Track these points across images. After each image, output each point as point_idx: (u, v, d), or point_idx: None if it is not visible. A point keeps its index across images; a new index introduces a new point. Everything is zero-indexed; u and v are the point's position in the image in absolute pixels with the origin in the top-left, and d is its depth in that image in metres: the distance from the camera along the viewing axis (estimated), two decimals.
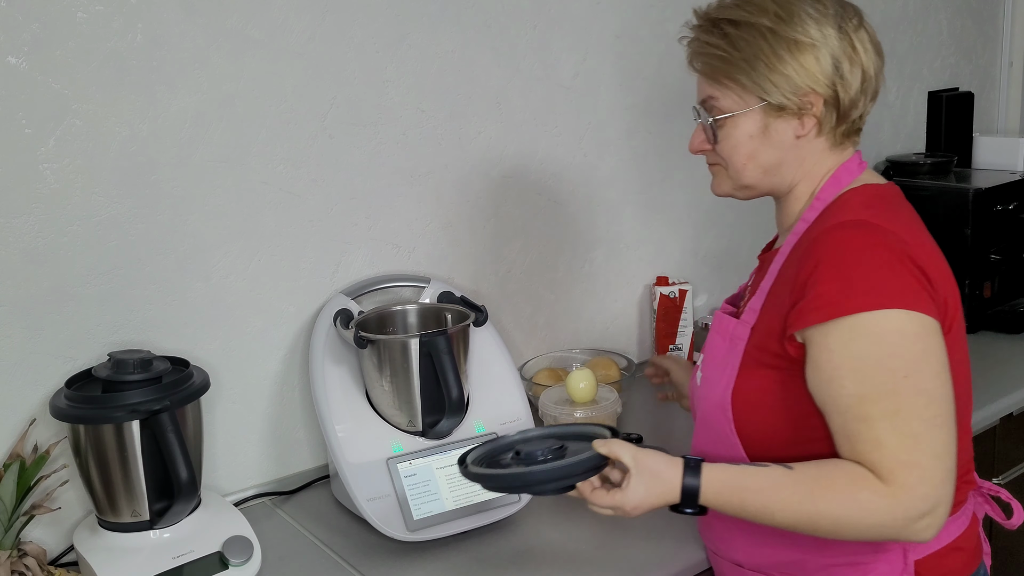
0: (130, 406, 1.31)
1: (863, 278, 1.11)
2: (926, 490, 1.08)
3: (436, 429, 1.53)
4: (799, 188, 1.27)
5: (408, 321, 1.68)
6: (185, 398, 1.36)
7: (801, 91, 1.20)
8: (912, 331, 1.10)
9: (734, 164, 1.27)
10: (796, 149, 1.24)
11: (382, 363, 1.52)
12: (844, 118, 1.23)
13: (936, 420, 1.09)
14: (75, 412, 1.33)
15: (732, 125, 1.24)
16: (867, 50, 1.22)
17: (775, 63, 1.19)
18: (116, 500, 1.35)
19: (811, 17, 1.19)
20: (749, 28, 1.20)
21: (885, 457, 1.08)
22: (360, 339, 1.51)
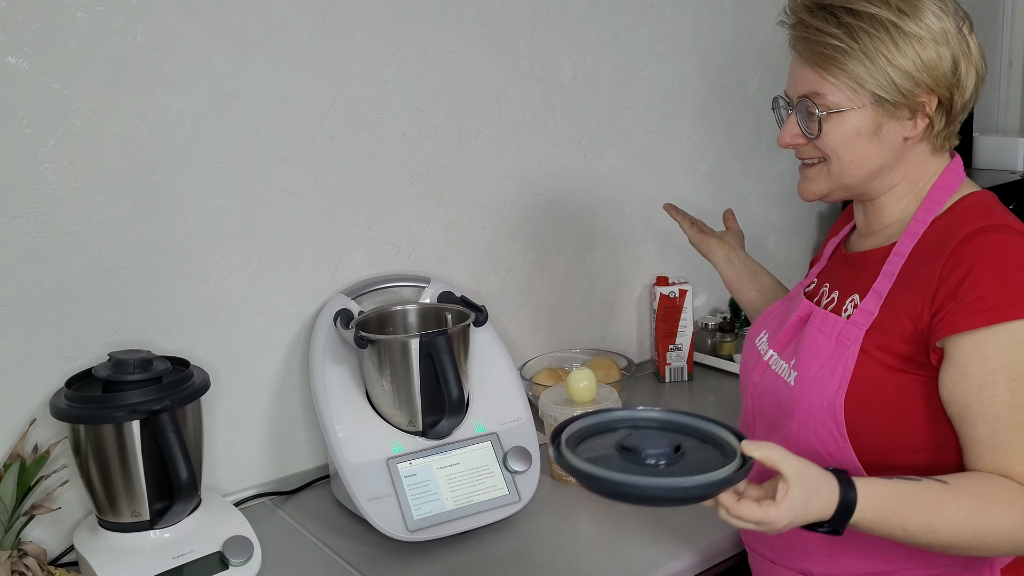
0: (130, 406, 1.31)
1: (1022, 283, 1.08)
2: None
3: (436, 429, 1.53)
4: (899, 189, 1.23)
5: (408, 321, 1.68)
6: (185, 398, 1.36)
7: (918, 89, 1.15)
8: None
9: (840, 162, 1.21)
10: (902, 152, 1.20)
11: (382, 363, 1.52)
12: (952, 121, 1.20)
13: None
14: (75, 412, 1.33)
15: (841, 120, 1.18)
16: (980, 55, 1.19)
17: (897, 57, 1.14)
18: (116, 500, 1.35)
19: (934, 13, 1.15)
20: (871, 19, 1.14)
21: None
22: (360, 339, 1.51)
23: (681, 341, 2.10)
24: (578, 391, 1.65)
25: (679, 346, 2.10)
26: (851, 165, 1.21)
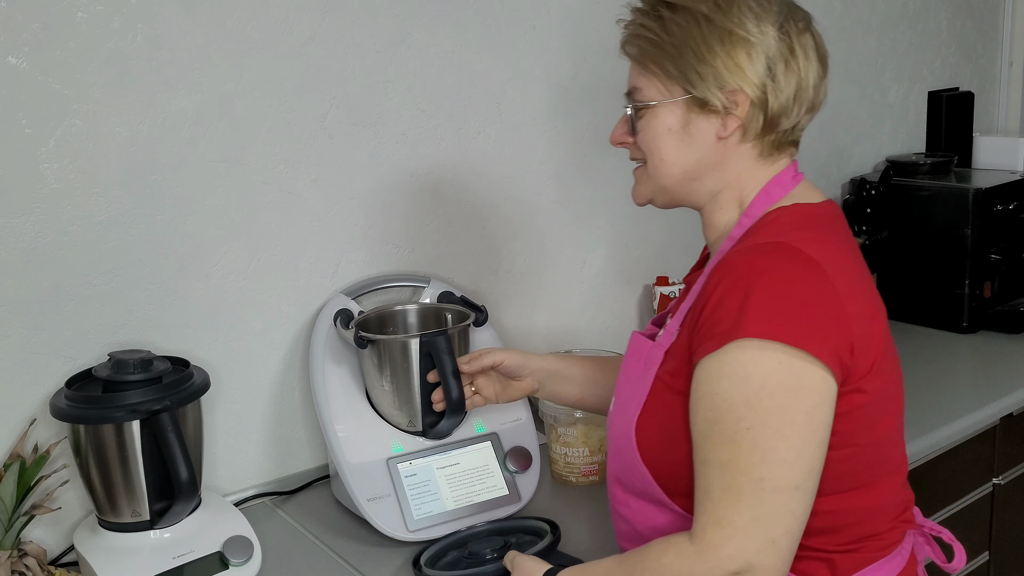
0: (130, 406, 1.31)
1: (761, 303, 1.01)
2: (732, 552, 0.99)
3: (436, 429, 1.53)
4: (723, 197, 1.18)
5: (408, 321, 1.68)
6: (185, 398, 1.36)
7: (727, 88, 1.10)
8: (777, 380, 1.00)
9: (652, 160, 1.18)
10: (718, 152, 1.15)
11: (382, 363, 1.52)
12: (772, 126, 1.14)
13: (764, 483, 0.99)
14: (75, 412, 1.33)
15: (652, 115, 1.15)
16: (808, 58, 1.13)
17: (704, 53, 1.10)
18: (116, 500, 1.35)
19: (751, 11, 1.11)
20: (685, 13, 1.12)
21: (706, 511, 1.02)
22: (360, 339, 1.51)
23: None
24: None
25: None
26: (663, 164, 1.17)
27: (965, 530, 1.94)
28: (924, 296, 2.35)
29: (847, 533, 1.13)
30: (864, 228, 2.37)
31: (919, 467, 1.78)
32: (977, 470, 1.94)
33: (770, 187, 1.16)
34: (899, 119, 2.70)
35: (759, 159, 1.16)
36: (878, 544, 1.16)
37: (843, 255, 1.12)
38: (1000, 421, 1.93)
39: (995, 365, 2.11)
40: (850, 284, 1.08)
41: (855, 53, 2.53)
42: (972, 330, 2.29)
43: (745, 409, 1.00)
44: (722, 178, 1.17)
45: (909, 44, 2.68)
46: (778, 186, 1.17)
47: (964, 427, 1.83)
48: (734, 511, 1.00)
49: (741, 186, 1.17)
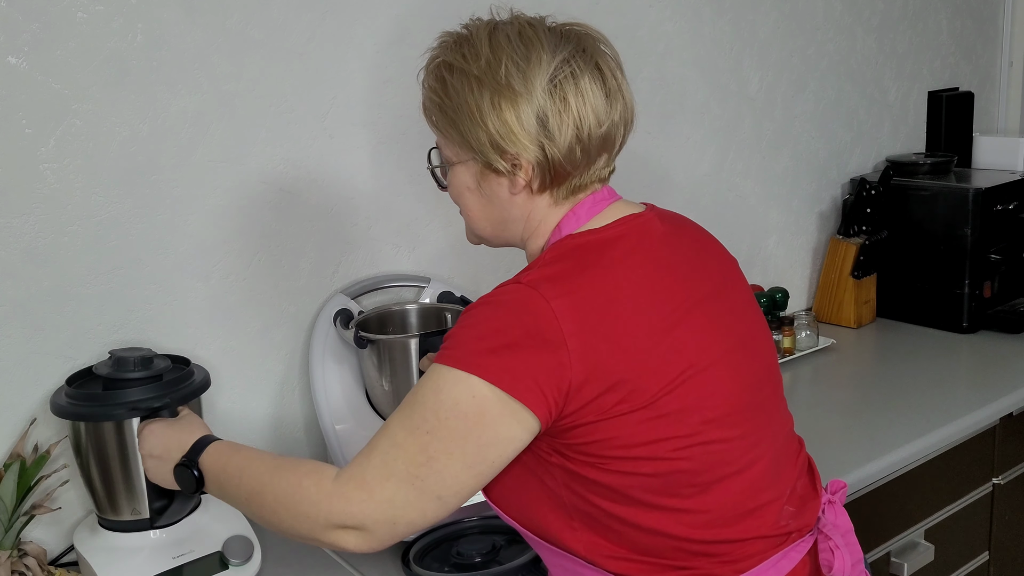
0: (130, 404, 1.31)
1: (461, 339, 1.06)
2: (356, 511, 1.06)
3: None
4: (531, 244, 1.19)
5: (408, 321, 1.68)
6: (186, 396, 1.36)
7: (507, 152, 1.11)
8: (465, 410, 1.03)
9: (464, 213, 1.21)
10: (516, 206, 1.16)
11: (382, 363, 1.52)
12: (561, 177, 1.13)
13: (416, 481, 1.05)
14: (75, 410, 1.33)
15: (452, 174, 1.18)
16: (586, 100, 1.10)
17: (478, 117, 1.10)
18: (116, 498, 1.35)
19: (517, 67, 1.09)
20: (461, 76, 1.12)
21: (359, 465, 1.07)
22: (360, 339, 1.51)
23: None
24: None
25: None
26: (470, 218, 1.20)
27: (965, 530, 1.94)
28: (924, 296, 2.35)
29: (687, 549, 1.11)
30: (864, 228, 2.37)
31: (919, 467, 1.78)
32: (977, 470, 1.94)
33: (563, 223, 1.16)
34: (899, 119, 2.70)
35: (556, 204, 1.16)
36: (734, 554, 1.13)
37: (602, 284, 1.08)
38: (1000, 421, 1.93)
39: (995, 365, 2.11)
40: (595, 316, 1.05)
41: (855, 53, 2.53)
42: (972, 330, 2.29)
43: (432, 416, 1.05)
44: (527, 226, 1.18)
45: (909, 44, 2.68)
46: (571, 220, 1.16)
47: (964, 427, 1.83)
48: (379, 483, 1.05)
49: (545, 231, 1.17)
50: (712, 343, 1.13)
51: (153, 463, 1.28)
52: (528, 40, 1.11)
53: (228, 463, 1.18)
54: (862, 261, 2.35)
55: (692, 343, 1.11)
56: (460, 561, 1.38)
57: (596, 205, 1.17)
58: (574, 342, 1.03)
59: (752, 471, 1.14)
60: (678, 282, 1.14)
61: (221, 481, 1.18)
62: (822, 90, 2.47)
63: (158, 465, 1.27)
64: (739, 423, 1.13)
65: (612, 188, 1.21)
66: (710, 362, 1.11)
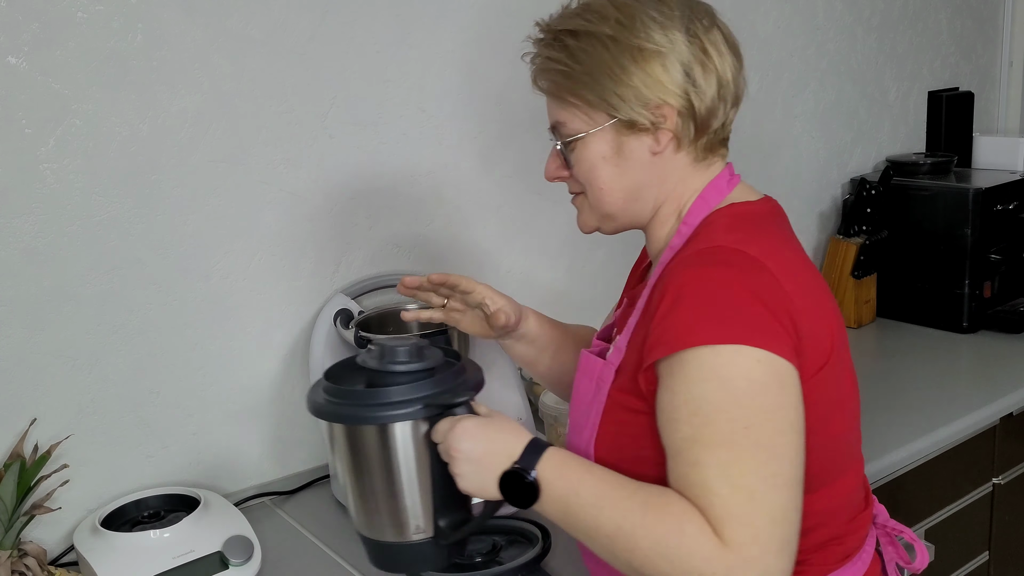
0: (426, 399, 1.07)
1: (715, 309, 0.99)
2: (755, 553, 0.94)
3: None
4: (663, 211, 1.16)
5: None
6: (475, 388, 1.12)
7: (651, 103, 1.08)
8: (761, 379, 0.97)
9: (592, 190, 1.15)
10: (655, 167, 1.12)
11: None
12: (703, 129, 1.12)
13: (776, 479, 0.96)
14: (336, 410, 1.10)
15: (583, 147, 1.13)
16: (721, 53, 1.11)
17: (619, 74, 1.07)
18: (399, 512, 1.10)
19: (655, 21, 1.08)
20: (589, 38, 1.09)
21: (714, 504, 0.95)
22: (360, 339, 1.51)
23: None
24: None
25: None
26: (603, 192, 1.15)
27: (965, 530, 1.94)
28: (924, 296, 2.35)
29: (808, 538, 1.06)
30: (864, 228, 2.37)
31: (919, 467, 1.78)
32: (977, 470, 1.94)
33: (706, 192, 1.14)
34: (899, 119, 2.70)
35: (694, 165, 1.14)
36: (840, 550, 1.13)
37: (784, 250, 1.09)
38: (1000, 421, 1.93)
39: (995, 365, 2.11)
40: (794, 279, 1.05)
41: (855, 53, 2.53)
42: (972, 330, 2.29)
43: (738, 410, 0.97)
44: (661, 192, 1.15)
45: (909, 44, 2.68)
46: (714, 191, 1.14)
47: (964, 427, 1.83)
48: (752, 510, 0.95)
49: (679, 196, 1.15)
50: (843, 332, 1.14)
51: (472, 469, 1.05)
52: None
53: (580, 486, 1.02)
54: (862, 261, 2.35)
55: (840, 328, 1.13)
56: (460, 561, 1.38)
57: (733, 178, 1.17)
58: (796, 300, 1.03)
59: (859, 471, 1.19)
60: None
61: (570, 506, 1.02)
62: (822, 90, 2.47)
63: (478, 471, 1.05)
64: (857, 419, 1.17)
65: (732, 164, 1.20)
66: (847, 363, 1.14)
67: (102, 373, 1.51)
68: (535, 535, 1.42)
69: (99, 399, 1.51)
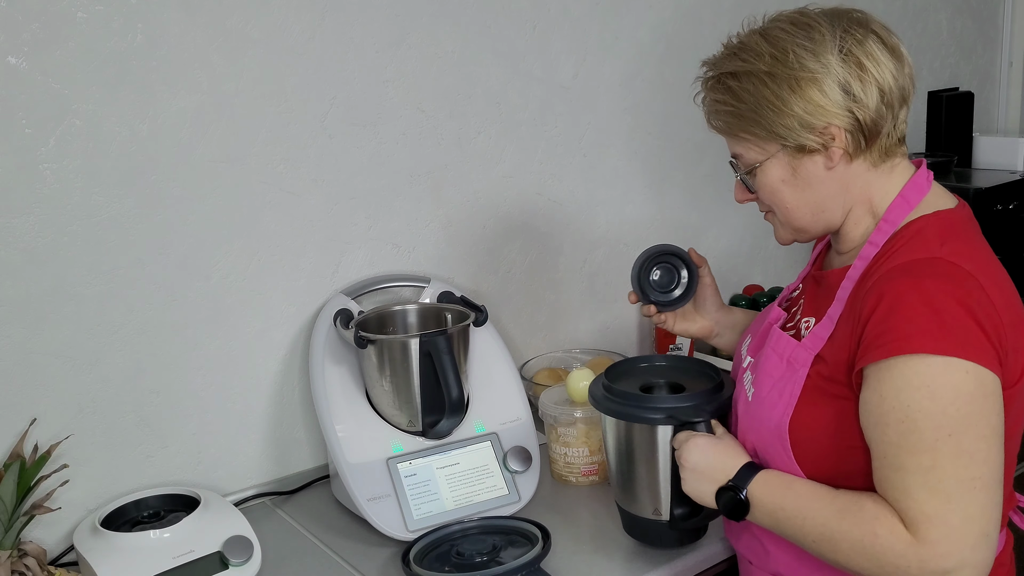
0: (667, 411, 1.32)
1: (930, 321, 1.06)
2: (948, 548, 1.05)
3: (436, 429, 1.53)
4: (854, 213, 1.22)
5: (408, 321, 1.68)
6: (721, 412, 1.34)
7: (817, 127, 1.15)
8: (968, 390, 1.06)
9: (780, 210, 1.25)
10: (834, 180, 1.19)
11: (382, 363, 1.52)
12: (873, 137, 1.17)
13: (975, 483, 1.06)
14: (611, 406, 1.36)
15: (763, 174, 1.22)
16: (879, 61, 1.16)
17: (781, 107, 1.15)
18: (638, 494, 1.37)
19: (806, 49, 1.15)
20: (749, 77, 1.17)
21: (911, 508, 1.07)
22: (360, 339, 1.51)
23: (681, 341, 2.09)
24: (578, 391, 1.65)
25: (679, 346, 2.10)
26: (789, 211, 1.23)
27: None
28: None
29: None
30: None
31: None
32: None
33: (906, 191, 1.20)
34: None
35: (875, 168, 1.20)
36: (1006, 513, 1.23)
37: (991, 263, 1.16)
38: None
39: None
40: (1001, 292, 1.12)
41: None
42: None
43: (943, 418, 1.05)
44: (847, 199, 1.21)
45: (909, 44, 2.65)
46: (914, 189, 1.20)
47: None
48: (947, 511, 1.05)
49: (869, 197, 1.21)
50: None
51: (695, 478, 1.27)
52: (804, 25, 1.17)
53: (784, 501, 1.18)
54: None
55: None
56: (460, 561, 1.38)
57: (929, 175, 1.22)
58: (1003, 314, 1.09)
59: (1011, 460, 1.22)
60: None
61: (778, 519, 1.18)
62: None
63: (699, 481, 1.26)
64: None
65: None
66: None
67: (102, 373, 1.51)
68: (535, 535, 1.42)
69: (99, 399, 1.51)
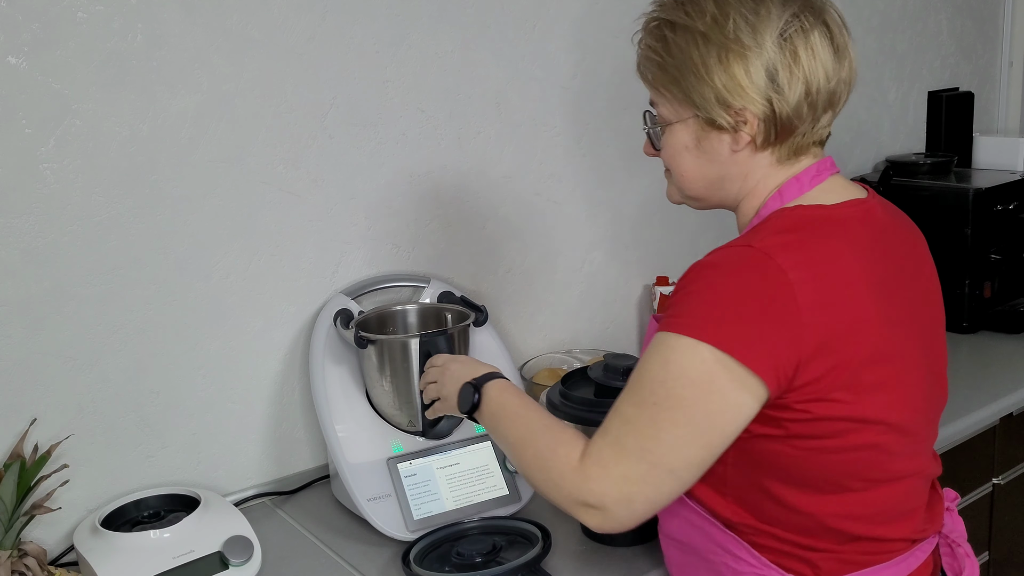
0: None
1: (697, 305, 1.04)
2: (596, 488, 1.06)
3: (436, 429, 1.53)
4: (745, 204, 1.17)
5: (408, 321, 1.68)
6: None
7: (732, 107, 1.09)
8: (694, 376, 1.03)
9: (676, 174, 1.20)
10: (736, 163, 1.14)
11: (382, 363, 1.52)
12: (786, 133, 1.11)
13: (647, 455, 1.04)
14: (568, 411, 1.42)
15: (669, 133, 1.17)
16: (816, 57, 1.09)
17: (703, 74, 1.09)
18: None
19: (747, 21, 1.07)
20: (685, 32, 1.10)
21: (596, 442, 1.09)
22: (360, 339, 1.51)
23: None
24: None
25: None
26: (683, 178, 1.19)
27: None
28: None
29: (831, 536, 1.13)
30: None
31: None
32: (977, 470, 1.94)
33: (784, 188, 1.15)
34: (899, 119, 2.70)
35: (778, 164, 1.15)
36: (873, 549, 1.15)
37: (834, 262, 1.07)
38: (1000, 421, 1.93)
39: (995, 365, 2.11)
40: (826, 292, 1.05)
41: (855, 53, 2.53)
42: (972, 330, 2.29)
43: (659, 387, 1.05)
44: (744, 186, 1.17)
45: (909, 44, 2.68)
46: (793, 187, 1.15)
47: (964, 427, 1.83)
48: (614, 460, 1.06)
49: (760, 191, 1.16)
50: (915, 349, 1.15)
51: (445, 378, 1.35)
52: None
53: (508, 402, 1.22)
54: None
55: (902, 344, 1.12)
56: (460, 561, 1.38)
57: (820, 174, 1.16)
58: (808, 316, 1.03)
59: (913, 478, 1.18)
60: (893, 278, 1.14)
61: (497, 417, 1.23)
62: None
63: (446, 383, 1.34)
64: (916, 433, 1.16)
65: (832, 158, 1.19)
66: (912, 367, 1.14)
67: (102, 373, 1.51)
68: (535, 535, 1.42)
69: (99, 399, 1.51)
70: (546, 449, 1.13)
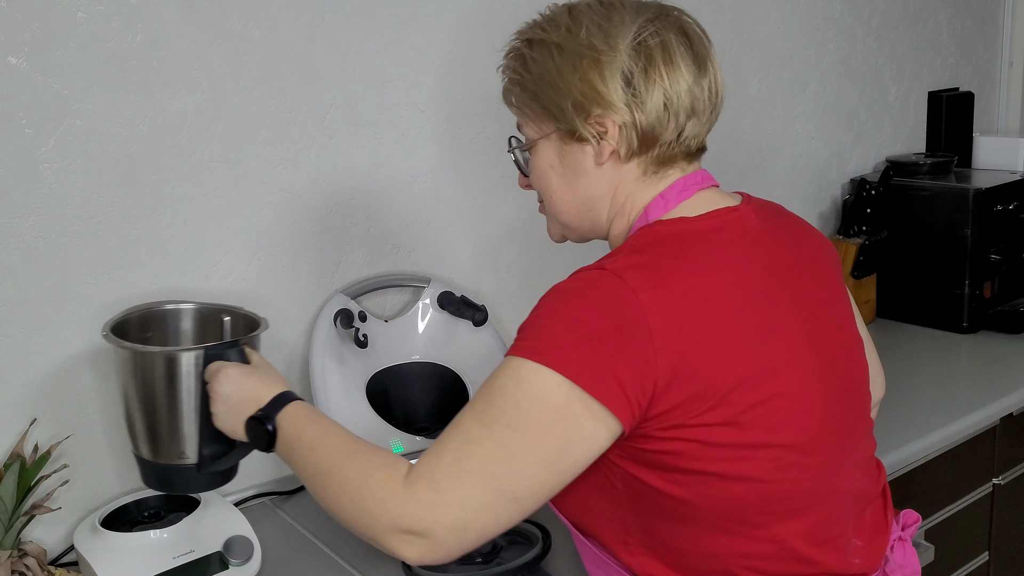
0: None
1: (543, 330, 0.99)
2: (426, 514, 0.97)
3: (223, 460, 1.26)
4: (615, 227, 1.13)
5: (180, 326, 1.42)
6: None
7: (591, 115, 1.06)
8: (550, 401, 0.96)
9: (546, 199, 1.16)
10: (602, 178, 1.10)
11: (138, 379, 1.25)
12: (649, 142, 1.07)
13: (492, 481, 0.96)
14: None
15: (535, 155, 1.14)
16: (674, 65, 1.06)
17: (560, 84, 1.07)
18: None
19: (600, 28, 1.06)
20: (541, 47, 1.09)
21: (429, 462, 0.99)
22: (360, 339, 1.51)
23: None
24: None
25: None
26: (554, 201, 1.15)
27: (965, 530, 1.94)
28: (924, 296, 2.35)
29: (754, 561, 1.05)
30: (864, 228, 2.37)
31: (919, 467, 1.78)
32: (977, 470, 1.94)
33: (650, 207, 1.10)
34: (899, 119, 2.70)
35: (644, 177, 1.11)
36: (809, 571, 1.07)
37: (694, 277, 1.02)
38: (1000, 421, 1.93)
39: (995, 365, 2.11)
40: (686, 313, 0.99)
41: (855, 53, 2.53)
42: (972, 330, 2.29)
43: (513, 408, 0.97)
44: (613, 204, 1.12)
45: (909, 44, 2.68)
46: (659, 204, 1.10)
47: (964, 427, 1.83)
48: (451, 484, 0.97)
49: (630, 209, 1.12)
50: (805, 359, 1.06)
51: (226, 410, 1.16)
52: (609, 5, 1.09)
53: (303, 430, 1.09)
54: (862, 261, 2.35)
55: (785, 356, 1.04)
56: (460, 561, 1.38)
57: (687, 189, 1.11)
58: (661, 340, 0.97)
59: (829, 502, 1.08)
60: (773, 286, 1.07)
61: (292, 448, 1.09)
62: (822, 90, 2.47)
63: (230, 414, 1.16)
64: (822, 450, 1.07)
65: (707, 172, 1.15)
66: (801, 379, 1.05)
67: (102, 373, 1.51)
68: (535, 535, 1.42)
69: (99, 399, 1.51)
70: (357, 476, 1.02)
